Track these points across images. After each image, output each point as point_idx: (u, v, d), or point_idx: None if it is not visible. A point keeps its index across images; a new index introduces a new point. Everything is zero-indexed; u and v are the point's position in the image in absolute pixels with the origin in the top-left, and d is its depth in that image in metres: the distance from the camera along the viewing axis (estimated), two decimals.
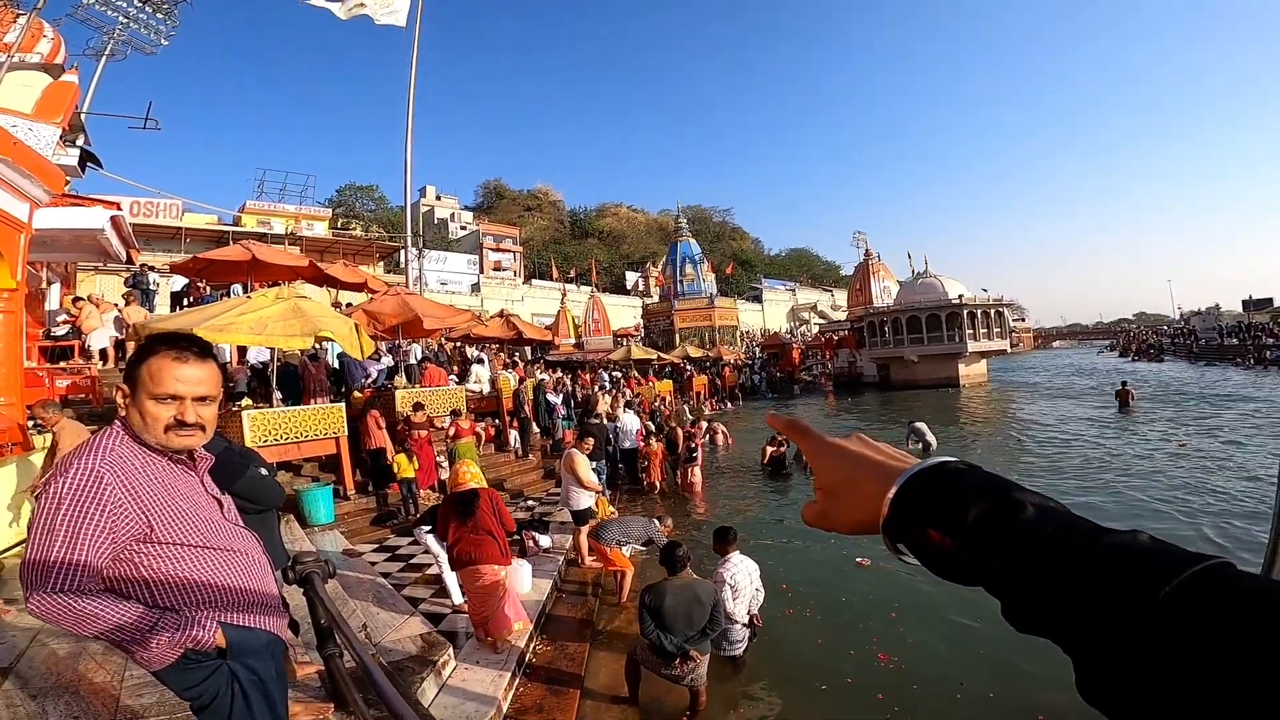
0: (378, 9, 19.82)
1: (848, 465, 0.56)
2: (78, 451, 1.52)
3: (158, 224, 26.91)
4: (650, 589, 4.38)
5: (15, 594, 4.39)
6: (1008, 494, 0.46)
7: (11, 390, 6.16)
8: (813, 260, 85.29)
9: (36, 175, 6.02)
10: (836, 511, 0.56)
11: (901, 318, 33.70)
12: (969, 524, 0.45)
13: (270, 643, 1.79)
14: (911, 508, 0.49)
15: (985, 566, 0.45)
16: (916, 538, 0.49)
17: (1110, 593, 0.38)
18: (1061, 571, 0.41)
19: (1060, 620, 0.40)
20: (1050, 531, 0.42)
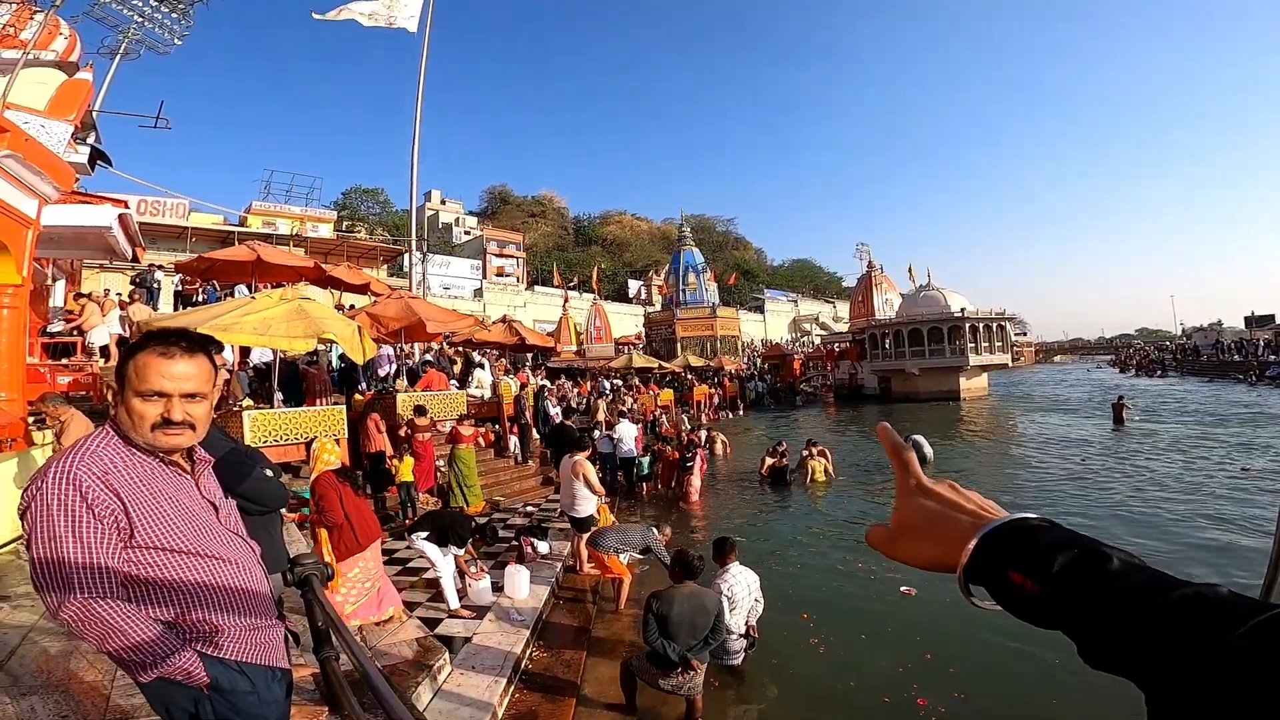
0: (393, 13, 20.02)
1: (938, 509, 0.60)
2: (58, 454, 1.49)
3: (164, 223, 27.01)
4: (658, 595, 4.37)
5: (9, 590, 4.38)
6: (1095, 547, 0.50)
7: (13, 386, 6.16)
8: (815, 271, 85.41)
9: (47, 172, 6.04)
10: (912, 546, 0.60)
11: (903, 330, 33.73)
12: (1056, 570, 0.49)
13: (266, 676, 1.65)
14: (995, 554, 0.53)
15: (1066, 611, 0.48)
16: (997, 580, 0.52)
17: (1185, 635, 0.41)
18: (1140, 616, 0.43)
19: (1136, 661, 0.43)
20: (1134, 583, 0.46)
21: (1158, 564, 0.47)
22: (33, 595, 4.23)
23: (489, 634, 5.12)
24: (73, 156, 8.75)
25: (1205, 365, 50.27)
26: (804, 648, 5.53)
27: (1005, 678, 4.93)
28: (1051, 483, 11.95)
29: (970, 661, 5.10)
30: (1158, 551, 7.58)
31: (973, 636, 5.38)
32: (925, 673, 4.97)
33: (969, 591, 0.54)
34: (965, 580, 0.54)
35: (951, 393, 31.82)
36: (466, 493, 9.14)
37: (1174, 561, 7.03)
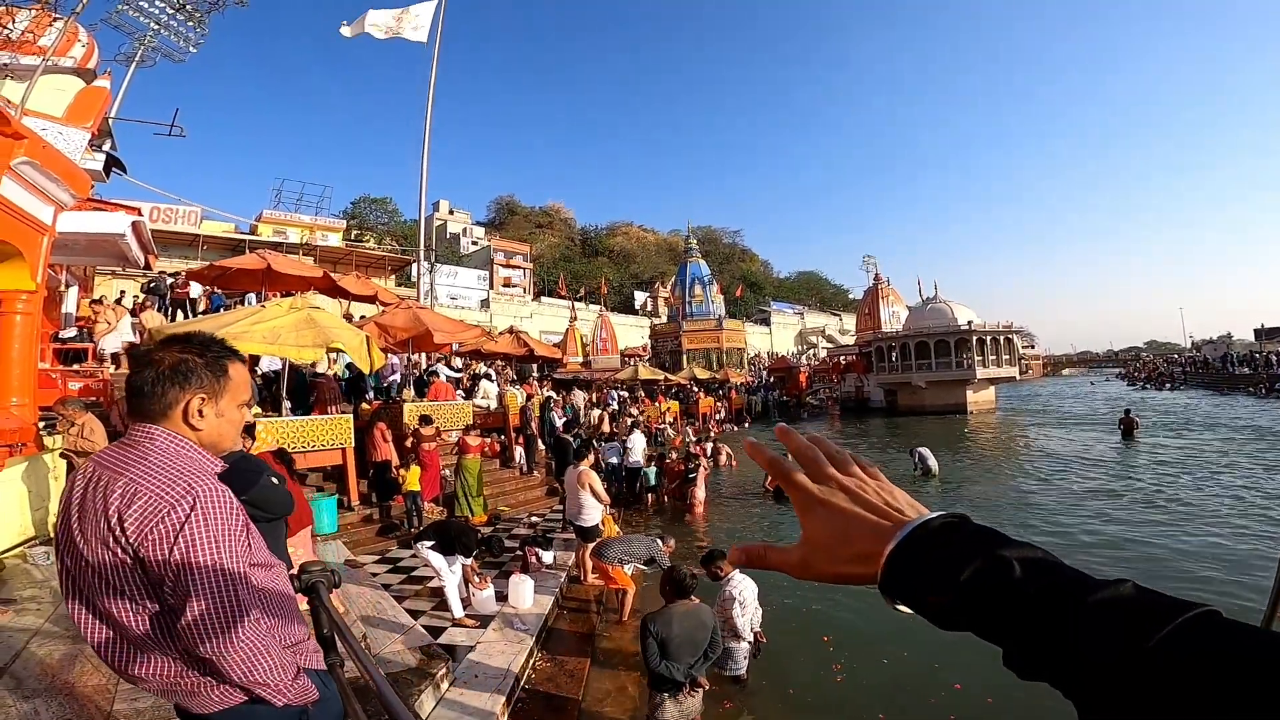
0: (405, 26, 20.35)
1: (838, 521, 0.56)
2: (182, 473, 1.36)
3: (176, 230, 27.33)
4: (654, 618, 4.22)
5: (14, 593, 4.40)
6: (996, 551, 0.47)
7: (25, 391, 6.21)
8: (822, 284, 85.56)
9: (64, 179, 6.12)
10: (823, 565, 0.56)
11: (910, 343, 33.66)
12: (960, 584, 0.47)
13: (324, 678, 1.66)
14: (905, 568, 0.51)
15: (981, 622, 0.46)
16: (911, 598, 0.50)
17: (1101, 642, 0.40)
18: (1052, 625, 0.42)
19: (1057, 671, 0.42)
20: (1041, 585, 0.44)
21: (1168, 581, 0.46)
22: (38, 599, 4.26)
23: (492, 643, 5.11)
24: (89, 163, 8.85)
25: (1214, 378, 49.94)
26: (823, 674, 5.29)
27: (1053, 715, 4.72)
28: (1059, 498, 11.85)
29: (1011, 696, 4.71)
30: (1170, 571, 7.48)
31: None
32: (958, 704, 4.74)
33: (894, 604, 0.52)
34: (886, 596, 0.52)
35: (958, 406, 31.68)
36: (471, 502, 9.15)
37: (1184, 582, 6.93)
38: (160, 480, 1.32)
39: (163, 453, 1.37)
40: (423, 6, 21.04)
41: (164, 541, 1.27)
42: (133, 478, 1.32)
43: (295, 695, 1.42)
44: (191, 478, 1.34)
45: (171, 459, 1.36)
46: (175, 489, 1.31)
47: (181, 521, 1.28)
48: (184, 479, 1.33)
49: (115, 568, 1.30)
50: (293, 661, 1.45)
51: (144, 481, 1.31)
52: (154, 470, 1.33)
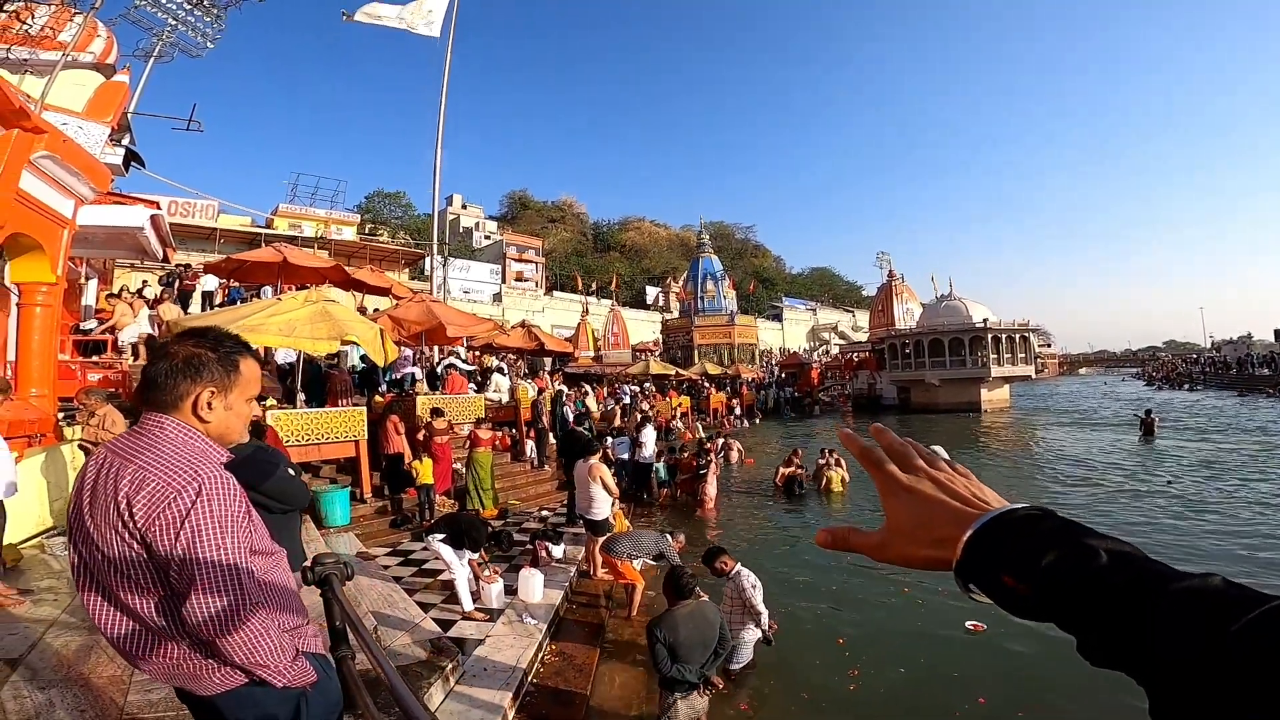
0: (416, 19, 20.33)
1: (922, 507, 0.57)
2: (189, 461, 1.41)
3: (194, 224, 27.61)
4: (660, 623, 4.16)
5: (32, 583, 4.46)
6: (1081, 540, 0.47)
7: (45, 382, 6.31)
8: (835, 280, 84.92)
9: (84, 173, 6.20)
10: (903, 547, 0.57)
11: (924, 340, 33.38)
12: (1042, 570, 0.47)
13: (324, 661, 1.72)
14: (985, 553, 0.51)
15: (1060, 610, 0.46)
16: (990, 581, 0.50)
17: (1182, 631, 0.40)
18: (1134, 613, 0.42)
19: (1134, 658, 0.42)
20: (1124, 577, 0.44)
21: None
22: (55, 590, 4.32)
23: (502, 637, 5.14)
24: (108, 158, 8.97)
25: (1234, 379, 49.17)
26: (837, 679, 5.14)
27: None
28: (1079, 499, 11.71)
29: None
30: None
31: (1053, 680, 4.77)
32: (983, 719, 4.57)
33: (968, 589, 0.53)
34: (961, 580, 0.53)
35: (972, 404, 31.41)
36: (483, 495, 9.19)
37: None
38: (168, 467, 1.37)
39: (172, 441, 1.42)
40: (436, 1, 21.02)
41: (171, 527, 1.32)
42: (142, 464, 1.37)
43: (294, 677, 1.48)
44: (198, 465, 1.39)
45: (180, 448, 1.42)
46: (182, 475, 1.36)
47: (188, 508, 1.33)
48: (191, 466, 1.38)
49: (123, 552, 1.35)
50: (291, 644, 1.50)
51: (153, 468, 1.36)
52: (163, 457, 1.38)
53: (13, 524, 4.35)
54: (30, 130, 5.14)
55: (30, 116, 5.10)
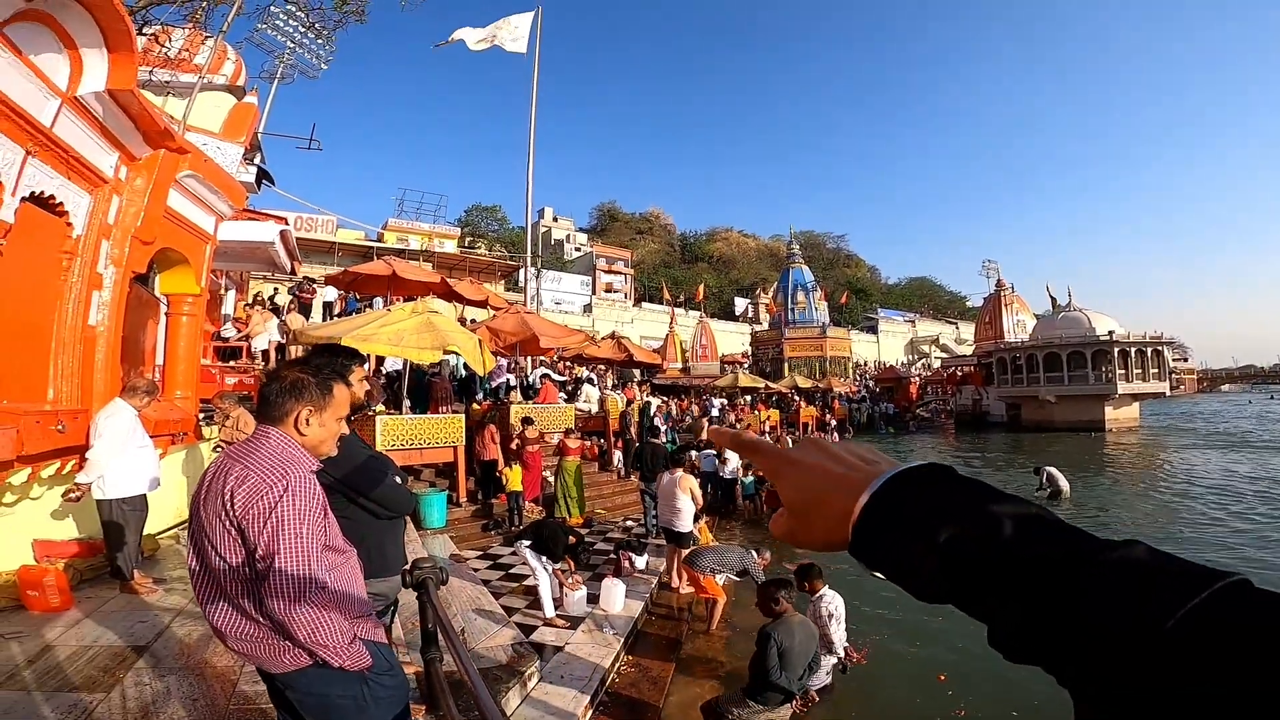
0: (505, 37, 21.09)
1: (810, 481, 0.50)
2: (283, 462, 1.67)
3: (315, 238, 29.99)
4: (776, 627, 4.20)
5: (165, 573, 4.86)
6: (986, 505, 0.41)
7: (189, 385, 6.94)
8: (935, 290, 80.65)
9: (223, 191, 6.79)
10: (804, 530, 0.50)
11: (1038, 354, 30.99)
12: (940, 547, 0.40)
13: (387, 651, 1.90)
14: (877, 529, 0.44)
15: (962, 593, 0.40)
16: (886, 561, 0.44)
17: (1110, 617, 0.33)
18: (1050, 595, 0.36)
19: (1053, 652, 0.36)
20: (1037, 548, 0.38)
21: None
22: (186, 580, 4.68)
23: (580, 645, 5.15)
24: (243, 176, 9.82)
25: None
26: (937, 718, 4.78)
27: None
28: (1223, 532, 10.34)
29: None
30: None
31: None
32: None
33: (870, 570, 0.45)
34: (860, 559, 0.45)
35: (1095, 423, 28.79)
36: (570, 503, 9.30)
37: None
38: (266, 468, 1.63)
39: (273, 449, 1.70)
40: (521, 18, 21.69)
41: (260, 516, 1.56)
42: (246, 465, 1.64)
43: (351, 659, 1.66)
44: (289, 467, 1.65)
45: (277, 454, 1.69)
46: (274, 474, 1.62)
47: (276, 501, 1.58)
48: (283, 468, 1.64)
49: (223, 538, 1.60)
50: (350, 630, 1.68)
51: (254, 468, 1.63)
52: (263, 461, 1.66)
53: (152, 515, 4.77)
54: (175, 150, 5.58)
55: (175, 137, 5.53)
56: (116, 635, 3.65)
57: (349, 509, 2.40)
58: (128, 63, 4.47)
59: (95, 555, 4.62)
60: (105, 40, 4.31)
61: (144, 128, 5.10)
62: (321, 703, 1.71)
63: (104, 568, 4.52)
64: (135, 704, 2.90)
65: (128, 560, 4.35)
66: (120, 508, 4.33)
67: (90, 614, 3.97)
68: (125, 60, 4.44)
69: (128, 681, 3.09)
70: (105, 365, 5.10)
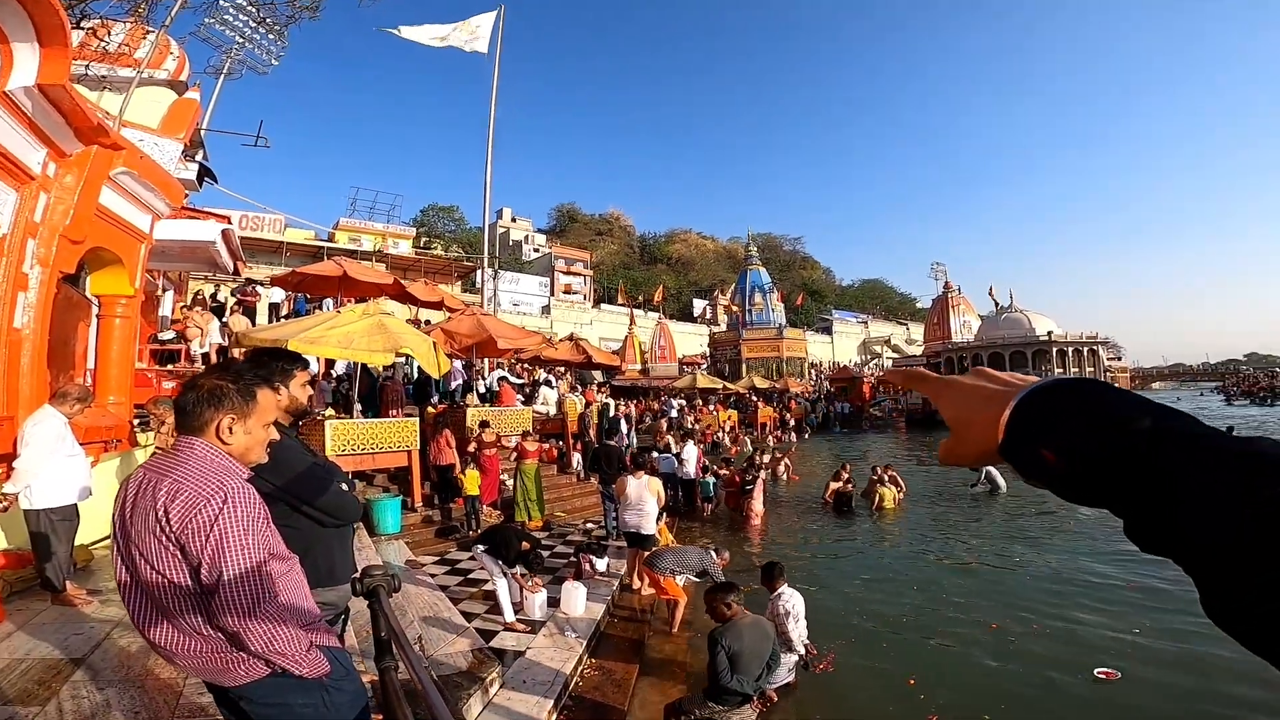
0: (463, 37, 20.81)
1: (966, 397, 0.55)
2: (217, 474, 1.61)
3: (262, 237, 28.95)
4: (724, 632, 4.17)
5: (100, 584, 4.63)
6: (1122, 408, 0.43)
7: (123, 389, 6.65)
8: (887, 292, 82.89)
9: (160, 189, 6.51)
10: (962, 444, 0.54)
11: (983, 354, 32.27)
12: (1080, 444, 0.43)
13: (345, 656, 1.87)
14: (1024, 431, 0.47)
15: (1103, 487, 0.42)
16: (1033, 460, 0.46)
17: (1213, 505, 0.35)
18: (1165, 484, 0.38)
19: (1173, 540, 0.38)
20: (1176, 444, 0.39)
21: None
22: None
23: (542, 649, 5.12)
24: (182, 173, 9.43)
25: None
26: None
27: None
28: None
29: None
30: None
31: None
32: None
33: (1029, 476, 0.48)
34: (1011, 462, 0.49)
35: None
36: (530, 506, 9.24)
37: None
38: (199, 480, 1.57)
39: (201, 459, 1.63)
40: (483, 18, 21.46)
41: (202, 530, 1.50)
42: (176, 478, 1.57)
43: (309, 666, 1.63)
44: (224, 478, 1.60)
45: (208, 464, 1.63)
46: (210, 486, 1.56)
47: (216, 513, 1.52)
48: (217, 479, 1.59)
49: (160, 554, 1.53)
50: (306, 636, 1.65)
51: (186, 481, 1.56)
52: (194, 472, 1.59)
53: (85, 526, 4.55)
54: (109, 147, 5.34)
55: (109, 133, 5.29)
56: (51, 647, 3.48)
57: (293, 518, 2.33)
58: (61, 57, 4.27)
59: (24, 566, 4.39)
60: (38, 34, 4.12)
61: (76, 124, 4.87)
62: (283, 713, 1.67)
63: (34, 579, 4.30)
64: (74, 717, 2.77)
65: (58, 571, 4.15)
66: (49, 518, 4.13)
67: (22, 626, 3.77)
68: (58, 55, 4.25)
69: (64, 694, 2.95)
70: (31, 370, 4.85)
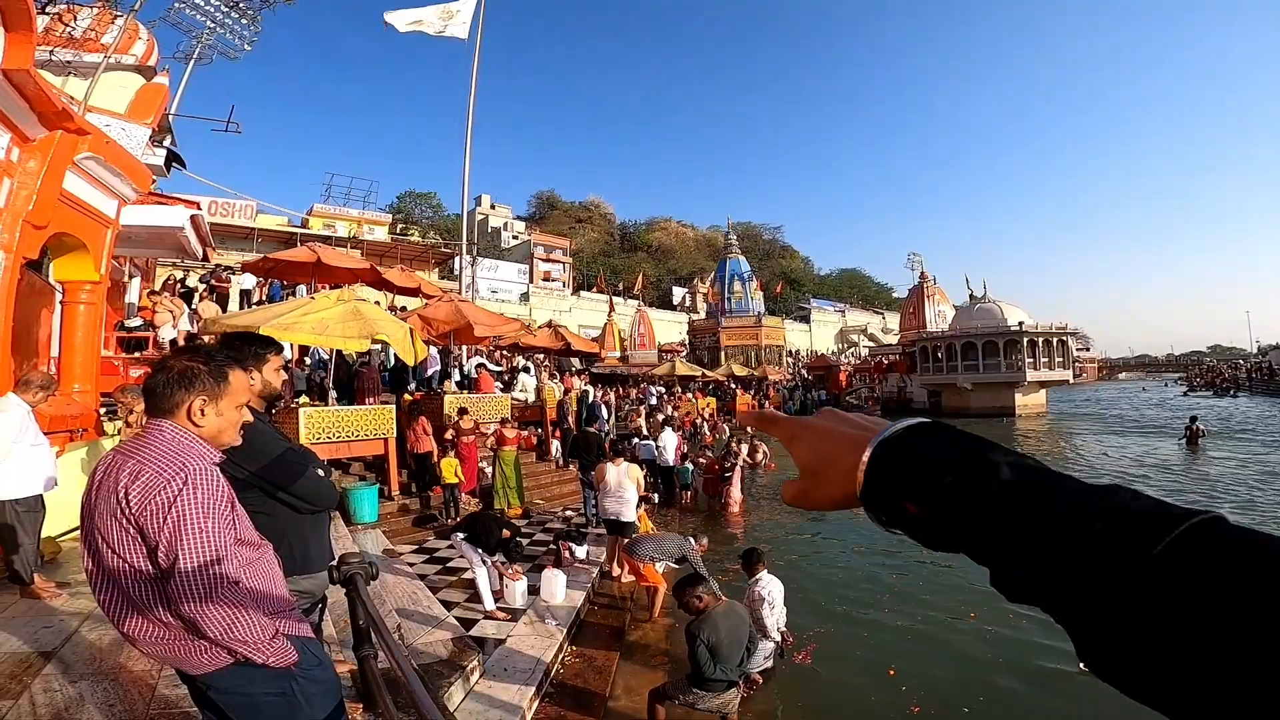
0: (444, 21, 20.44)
1: (822, 442, 0.54)
2: (179, 455, 1.57)
3: (233, 223, 28.34)
4: (700, 625, 4.16)
5: (69, 576, 4.55)
6: (981, 456, 0.44)
7: (89, 378, 6.49)
8: (864, 281, 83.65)
9: (126, 174, 6.34)
10: (817, 490, 0.54)
11: (956, 343, 32.70)
12: (943, 493, 0.44)
13: (316, 645, 1.85)
14: (884, 479, 0.48)
15: (965, 537, 0.43)
16: (894, 510, 0.47)
17: (1099, 556, 0.36)
18: (1045, 539, 0.39)
19: (1049, 590, 0.38)
20: (1032, 495, 0.41)
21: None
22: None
23: (523, 637, 5.15)
24: (150, 159, 9.19)
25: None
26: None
27: None
28: None
29: None
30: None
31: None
32: None
33: (882, 522, 0.49)
34: (870, 512, 0.49)
35: (1006, 409, 30.68)
36: (509, 494, 9.24)
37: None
38: (161, 460, 1.54)
39: (168, 441, 1.60)
40: (463, 3, 21.11)
41: (160, 511, 1.48)
42: (140, 460, 1.55)
43: (273, 655, 1.59)
44: (186, 459, 1.56)
45: (173, 445, 1.60)
46: (171, 467, 1.53)
47: (175, 494, 1.49)
48: (179, 459, 1.56)
49: (121, 537, 1.51)
50: (270, 624, 1.60)
51: (148, 462, 1.54)
52: (157, 454, 1.56)
53: (52, 517, 4.46)
54: (74, 132, 5.23)
55: (73, 118, 5.19)
56: (21, 641, 3.42)
57: (267, 504, 2.32)
58: (25, 42, 4.16)
59: None
60: (3, 19, 3.99)
61: (40, 109, 4.74)
62: (248, 701, 1.64)
63: (2, 573, 4.21)
64: (47, 711, 2.73)
65: (25, 563, 4.07)
66: (13, 509, 4.04)
67: None
68: (23, 39, 4.14)
69: (36, 688, 2.90)
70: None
